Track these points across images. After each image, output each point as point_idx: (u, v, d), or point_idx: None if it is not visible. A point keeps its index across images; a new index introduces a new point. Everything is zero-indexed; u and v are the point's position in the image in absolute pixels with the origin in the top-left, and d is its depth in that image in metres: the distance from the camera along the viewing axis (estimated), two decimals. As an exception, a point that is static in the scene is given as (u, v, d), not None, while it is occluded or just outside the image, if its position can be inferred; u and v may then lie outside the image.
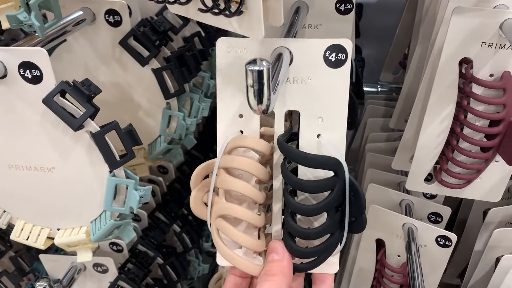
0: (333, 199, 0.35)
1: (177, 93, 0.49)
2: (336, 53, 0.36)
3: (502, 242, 0.57)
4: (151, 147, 0.54)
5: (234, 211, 0.37)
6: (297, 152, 0.36)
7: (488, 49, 0.43)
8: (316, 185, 0.36)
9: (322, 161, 0.36)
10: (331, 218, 0.36)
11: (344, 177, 0.35)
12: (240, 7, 0.28)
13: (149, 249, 0.59)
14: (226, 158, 0.37)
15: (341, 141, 0.38)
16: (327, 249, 0.37)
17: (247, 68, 0.28)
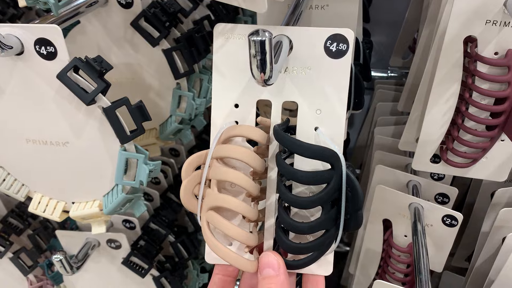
0: (329, 193, 0.34)
1: (187, 73, 0.50)
2: (337, 43, 0.35)
3: (509, 222, 0.57)
4: (162, 127, 0.56)
5: (228, 202, 0.35)
6: (293, 140, 0.35)
7: (492, 27, 0.43)
8: (312, 176, 0.34)
9: (318, 152, 0.34)
10: (326, 213, 0.34)
11: (341, 171, 0.34)
12: (243, -19, 0.29)
13: (160, 227, 0.61)
14: (220, 148, 0.36)
15: (339, 135, 0.36)
16: (321, 246, 0.35)
17: (250, 38, 0.29)
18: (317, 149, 0.34)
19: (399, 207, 0.58)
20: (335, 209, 0.35)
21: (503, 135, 0.49)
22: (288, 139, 0.34)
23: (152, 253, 0.57)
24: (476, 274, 0.62)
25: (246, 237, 0.35)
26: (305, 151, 0.34)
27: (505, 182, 0.67)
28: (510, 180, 0.67)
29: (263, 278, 0.33)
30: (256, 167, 0.35)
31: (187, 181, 0.37)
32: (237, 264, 0.35)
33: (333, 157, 0.34)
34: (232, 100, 0.37)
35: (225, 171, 0.35)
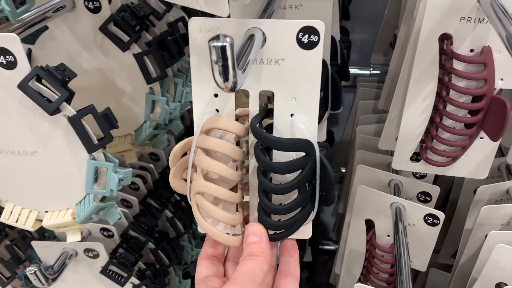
0: (303, 178, 0.37)
1: (159, 77, 0.49)
2: (308, 34, 0.36)
3: (490, 219, 0.57)
4: (137, 133, 0.55)
5: (211, 189, 0.38)
6: (269, 137, 0.37)
7: (467, 23, 0.43)
8: (287, 166, 0.38)
9: (293, 144, 0.37)
10: (302, 194, 0.38)
11: (315, 157, 0.37)
12: (202, -16, 0.28)
13: (140, 234, 0.59)
14: (202, 139, 0.38)
15: (313, 121, 0.39)
16: (298, 220, 0.39)
17: (210, 44, 0.28)
18: (291, 142, 0.37)
19: (381, 207, 0.58)
20: (310, 189, 0.38)
21: (482, 132, 0.49)
22: (263, 136, 0.37)
23: (131, 261, 0.56)
24: (460, 272, 0.62)
25: (229, 218, 0.39)
26: (282, 145, 0.38)
27: (487, 179, 0.67)
28: (493, 176, 0.66)
29: (247, 244, 0.38)
30: (235, 157, 0.39)
31: (175, 168, 0.40)
32: (223, 240, 0.40)
33: (307, 146, 0.37)
34: (211, 90, 0.38)
35: (208, 161, 0.38)
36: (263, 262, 0.36)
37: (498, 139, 0.46)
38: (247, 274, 0.35)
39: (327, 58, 0.52)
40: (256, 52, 0.35)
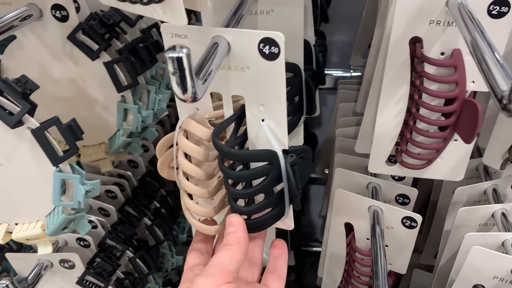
0: (265, 186, 0.39)
1: (130, 85, 0.49)
2: (269, 46, 0.36)
3: (468, 220, 0.57)
4: (111, 141, 0.54)
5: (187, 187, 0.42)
6: (230, 152, 0.39)
7: (436, 27, 0.43)
8: (250, 175, 0.40)
9: (256, 156, 0.40)
10: (268, 198, 0.40)
11: (278, 166, 0.38)
12: (157, -6, 0.28)
13: (117, 243, 0.59)
14: (179, 139, 0.41)
15: (282, 128, 0.39)
16: (270, 219, 0.41)
17: (166, 55, 0.27)
18: (255, 154, 0.40)
19: (359, 210, 0.58)
20: (278, 192, 0.40)
21: (456, 135, 0.49)
22: (226, 151, 0.39)
23: (108, 270, 0.55)
24: (440, 273, 0.62)
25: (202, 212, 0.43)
26: (244, 159, 0.40)
27: (466, 179, 0.67)
28: (471, 177, 0.67)
29: (226, 234, 0.39)
30: (204, 160, 0.41)
31: (162, 158, 0.44)
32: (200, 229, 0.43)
33: (270, 157, 0.38)
34: None
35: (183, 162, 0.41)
36: (236, 251, 0.37)
37: (471, 141, 0.46)
38: (217, 265, 0.36)
39: (300, 63, 0.52)
40: (220, 60, 0.35)
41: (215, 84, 0.40)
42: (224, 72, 0.39)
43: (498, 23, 0.41)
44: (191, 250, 0.43)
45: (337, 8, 0.89)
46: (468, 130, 0.45)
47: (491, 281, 0.51)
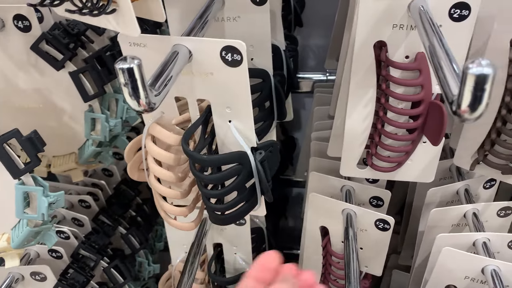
0: (238, 184, 0.41)
1: (97, 95, 0.48)
2: (231, 53, 0.37)
3: (440, 221, 0.57)
4: (80, 151, 0.53)
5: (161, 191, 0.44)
6: (202, 158, 0.40)
7: (400, 30, 0.43)
8: (221, 177, 0.41)
9: (226, 160, 0.41)
10: (240, 195, 0.42)
11: (249, 165, 0.41)
12: (108, 6, 0.28)
13: (91, 253, 0.58)
14: (148, 145, 0.42)
15: (249, 126, 0.41)
16: (243, 212, 0.44)
17: (117, 67, 0.27)
18: (224, 158, 0.41)
19: (333, 213, 0.58)
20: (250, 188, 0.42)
21: (424, 137, 0.49)
22: (197, 158, 0.40)
23: (81, 281, 0.55)
24: (416, 274, 0.62)
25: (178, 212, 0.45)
26: (215, 163, 0.42)
27: (440, 180, 0.68)
28: (445, 177, 0.67)
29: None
30: (172, 164, 0.42)
31: (132, 161, 0.45)
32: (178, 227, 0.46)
33: (240, 157, 0.40)
34: None
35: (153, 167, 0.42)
36: None
37: (438, 143, 0.47)
38: None
39: (269, 68, 0.52)
40: (180, 68, 0.35)
41: (179, 88, 0.41)
42: (188, 78, 0.40)
43: (460, 26, 0.41)
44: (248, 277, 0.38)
45: (312, 12, 0.90)
46: (435, 132, 0.46)
47: (463, 281, 0.51)
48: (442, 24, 0.41)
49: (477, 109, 0.25)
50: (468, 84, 0.25)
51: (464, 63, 0.25)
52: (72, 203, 0.65)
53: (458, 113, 0.26)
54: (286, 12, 0.78)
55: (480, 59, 0.25)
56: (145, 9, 0.31)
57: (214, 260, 0.63)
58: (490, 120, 0.50)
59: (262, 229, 0.68)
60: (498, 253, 0.53)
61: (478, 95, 0.25)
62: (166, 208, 0.45)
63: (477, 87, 0.24)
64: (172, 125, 0.42)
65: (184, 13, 0.49)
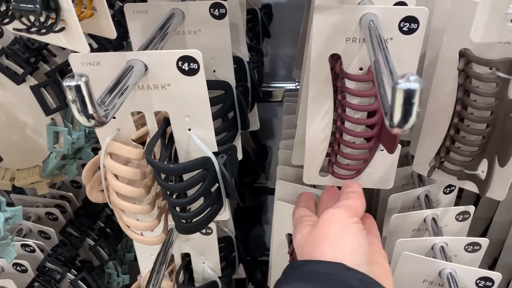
0: (205, 189, 0.42)
1: (58, 108, 0.49)
2: (188, 63, 0.38)
3: (401, 226, 0.59)
4: (45, 164, 0.54)
5: (129, 208, 0.44)
6: (168, 167, 0.42)
7: (353, 44, 0.44)
8: (188, 185, 0.42)
9: (192, 166, 0.42)
10: (207, 200, 0.44)
11: (214, 170, 0.42)
12: (56, 25, 0.28)
13: (57, 266, 0.58)
14: (106, 162, 0.42)
15: (210, 132, 0.43)
16: (210, 217, 0.45)
17: (64, 84, 0.28)
18: (190, 165, 0.42)
19: (298, 222, 0.59)
20: (215, 192, 0.44)
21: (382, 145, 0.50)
22: (163, 168, 0.41)
23: (47, 295, 0.55)
24: (381, 279, 0.64)
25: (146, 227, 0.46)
26: (180, 171, 0.42)
27: (402, 186, 0.69)
28: (407, 183, 0.69)
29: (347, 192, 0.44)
30: (136, 179, 0.43)
31: (91, 183, 0.45)
32: (146, 243, 0.47)
33: (205, 163, 0.42)
34: None
35: (115, 183, 0.42)
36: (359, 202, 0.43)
37: (393, 151, 0.48)
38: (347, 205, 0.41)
39: (232, 80, 0.53)
40: (133, 83, 0.36)
41: (136, 103, 0.41)
42: (144, 92, 0.40)
43: (409, 38, 0.43)
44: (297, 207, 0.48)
45: (281, 23, 0.92)
46: (390, 140, 0.47)
47: (422, 284, 0.53)
48: (392, 37, 0.43)
49: (408, 121, 0.27)
50: (398, 99, 0.26)
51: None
52: (39, 215, 0.65)
53: (391, 125, 0.28)
54: (253, 23, 0.80)
55: (408, 74, 0.26)
56: (96, 26, 0.32)
57: (183, 269, 0.64)
58: (445, 128, 0.52)
59: (231, 238, 0.69)
60: (456, 257, 0.55)
61: (408, 109, 0.26)
62: (132, 225, 0.45)
63: (406, 101, 0.26)
64: (130, 142, 0.42)
65: (145, 27, 0.49)
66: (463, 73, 0.47)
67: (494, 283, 0.50)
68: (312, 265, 0.37)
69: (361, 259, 0.37)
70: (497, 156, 0.49)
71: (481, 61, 0.45)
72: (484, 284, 0.50)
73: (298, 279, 0.35)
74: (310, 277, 0.35)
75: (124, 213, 0.45)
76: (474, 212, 0.75)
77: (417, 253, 0.52)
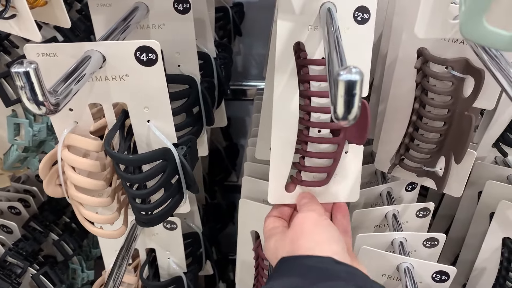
0: (165, 180, 0.43)
1: (19, 99, 0.48)
2: (146, 53, 0.38)
3: (363, 222, 0.60)
4: (5, 157, 0.53)
5: (88, 201, 0.43)
6: (127, 158, 0.42)
7: (315, 31, 0.43)
8: (148, 175, 0.42)
9: (152, 157, 0.42)
10: (168, 191, 0.44)
11: (174, 161, 0.42)
12: (5, 12, 0.28)
13: (18, 260, 0.57)
14: (64, 154, 0.42)
15: (169, 124, 0.43)
16: (171, 209, 0.45)
17: (12, 70, 0.28)
18: (150, 155, 0.42)
19: (263, 218, 0.59)
20: (176, 183, 0.44)
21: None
22: (122, 158, 0.42)
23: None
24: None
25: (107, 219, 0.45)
26: (140, 162, 0.43)
27: (366, 183, 0.71)
28: (371, 181, 0.70)
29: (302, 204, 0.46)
30: (100, 171, 0.43)
31: (47, 178, 0.44)
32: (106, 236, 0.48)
33: (165, 154, 0.42)
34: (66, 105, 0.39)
35: (74, 176, 0.42)
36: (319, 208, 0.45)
37: (363, 141, 0.43)
38: (313, 209, 0.44)
39: (196, 75, 0.53)
40: (90, 72, 0.36)
41: (94, 95, 0.41)
42: (102, 83, 0.40)
43: (363, 28, 0.42)
44: (267, 218, 0.48)
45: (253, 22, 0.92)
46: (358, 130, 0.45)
47: (380, 278, 0.54)
48: (349, 27, 0.42)
49: (350, 112, 0.27)
50: (340, 90, 0.27)
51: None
52: (1, 210, 0.64)
53: (336, 117, 0.28)
54: (225, 21, 0.80)
55: (351, 66, 0.27)
56: (51, 15, 0.32)
57: (149, 265, 0.63)
58: (404, 125, 0.53)
59: (197, 234, 0.69)
60: (415, 252, 0.56)
61: (350, 100, 0.27)
62: (92, 218, 0.45)
63: (347, 92, 0.27)
64: (88, 135, 0.42)
65: (109, 20, 0.49)
66: (420, 72, 0.49)
67: (449, 277, 0.51)
68: (302, 259, 0.38)
69: (338, 246, 0.39)
70: (453, 153, 0.51)
71: (437, 60, 0.47)
72: (440, 278, 0.51)
73: (290, 274, 0.37)
74: (300, 271, 0.37)
75: (83, 207, 0.45)
76: (438, 210, 0.77)
77: (377, 248, 0.53)
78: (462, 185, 0.54)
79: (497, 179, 0.61)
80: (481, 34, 0.27)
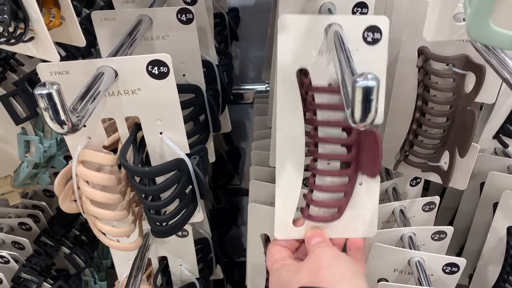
0: (180, 190, 0.43)
1: (28, 117, 0.49)
2: (158, 66, 0.39)
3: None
4: (16, 174, 0.53)
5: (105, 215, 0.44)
6: (143, 170, 0.42)
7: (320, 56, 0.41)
8: (164, 187, 0.43)
9: (167, 168, 0.43)
10: (182, 201, 0.44)
11: (188, 171, 0.43)
12: (25, 35, 0.29)
13: (33, 276, 0.58)
14: (79, 170, 0.42)
15: (181, 135, 0.43)
16: (185, 219, 0.46)
17: (36, 93, 0.28)
18: (164, 167, 0.42)
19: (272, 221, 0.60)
20: (190, 193, 0.45)
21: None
22: (138, 171, 0.42)
23: (23, 305, 0.54)
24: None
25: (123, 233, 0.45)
26: (154, 174, 0.43)
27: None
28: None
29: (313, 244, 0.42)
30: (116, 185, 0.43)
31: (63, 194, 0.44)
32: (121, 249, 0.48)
33: (179, 164, 0.42)
34: None
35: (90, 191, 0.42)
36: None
37: (375, 174, 0.42)
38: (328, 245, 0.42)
39: (201, 83, 0.54)
40: (105, 88, 0.37)
41: (107, 110, 0.41)
42: (115, 98, 0.41)
43: (374, 49, 0.39)
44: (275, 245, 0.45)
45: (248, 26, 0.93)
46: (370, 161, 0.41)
47: (392, 273, 0.55)
48: (358, 49, 0.39)
49: (368, 116, 0.28)
50: (357, 96, 0.28)
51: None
52: (12, 226, 0.64)
53: (354, 121, 0.29)
54: (221, 27, 0.81)
55: (366, 73, 0.28)
56: (65, 35, 0.33)
57: (161, 273, 0.64)
58: (408, 123, 0.54)
59: (207, 239, 0.70)
60: (424, 245, 0.57)
61: (367, 105, 0.28)
62: (108, 231, 0.45)
63: (365, 98, 0.27)
64: (101, 148, 0.43)
65: (113, 34, 0.50)
66: (422, 70, 0.50)
67: (459, 268, 0.52)
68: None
69: (362, 283, 0.37)
70: (457, 148, 0.52)
71: (438, 58, 0.48)
72: (450, 270, 0.53)
73: None
74: None
75: (99, 221, 0.45)
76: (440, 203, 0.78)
77: (387, 244, 0.54)
78: (466, 178, 0.55)
79: (498, 170, 0.63)
80: (488, 35, 0.28)
